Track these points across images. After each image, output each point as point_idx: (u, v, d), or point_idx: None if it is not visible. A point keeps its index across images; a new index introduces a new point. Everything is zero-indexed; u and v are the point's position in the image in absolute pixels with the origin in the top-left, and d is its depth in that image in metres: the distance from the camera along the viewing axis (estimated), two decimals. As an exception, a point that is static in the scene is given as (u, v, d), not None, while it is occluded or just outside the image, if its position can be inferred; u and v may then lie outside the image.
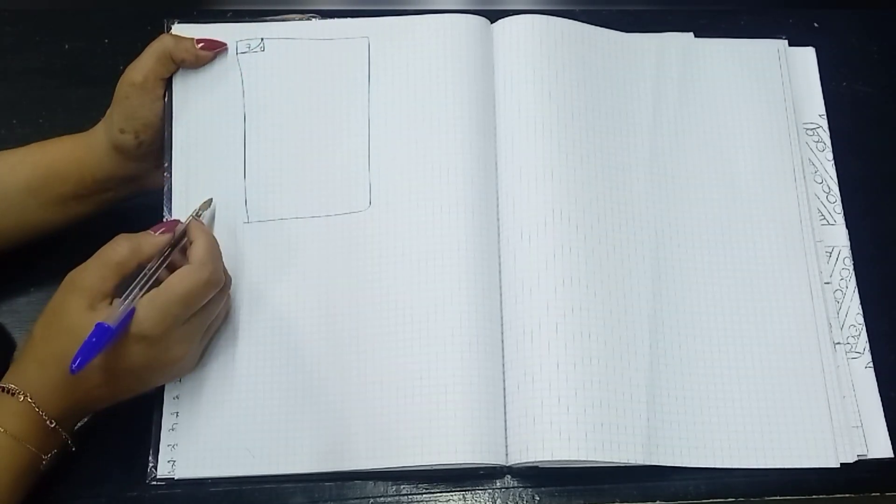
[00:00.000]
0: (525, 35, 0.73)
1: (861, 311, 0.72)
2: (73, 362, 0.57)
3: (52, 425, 0.60)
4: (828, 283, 0.72)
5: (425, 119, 0.72)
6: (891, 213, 0.77)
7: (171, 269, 0.63)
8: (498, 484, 0.67)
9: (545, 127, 0.71)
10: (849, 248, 0.74)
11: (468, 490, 0.67)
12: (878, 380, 0.70)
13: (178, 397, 0.67)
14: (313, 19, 0.75)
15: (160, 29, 0.73)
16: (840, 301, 0.72)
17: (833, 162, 0.77)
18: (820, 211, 0.75)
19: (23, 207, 0.69)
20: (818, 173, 0.77)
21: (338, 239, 0.70)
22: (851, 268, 0.74)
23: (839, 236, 0.75)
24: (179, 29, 0.73)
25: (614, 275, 0.69)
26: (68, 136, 0.71)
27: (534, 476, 0.67)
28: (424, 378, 0.66)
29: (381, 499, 0.66)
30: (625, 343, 0.67)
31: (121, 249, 0.62)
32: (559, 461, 0.63)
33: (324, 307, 0.68)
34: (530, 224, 0.69)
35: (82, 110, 0.75)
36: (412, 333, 0.67)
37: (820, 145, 0.78)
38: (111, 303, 0.61)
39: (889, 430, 0.69)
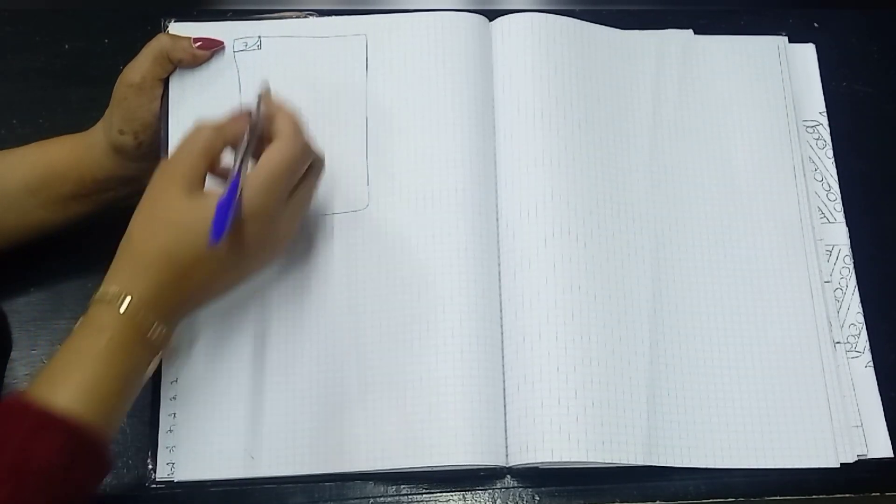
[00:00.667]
0: (524, 33, 0.73)
1: (861, 310, 0.72)
2: (213, 236, 0.57)
3: (158, 329, 0.59)
4: (828, 281, 0.72)
5: (423, 118, 0.72)
6: (891, 212, 0.77)
7: (255, 155, 0.63)
8: (498, 484, 0.67)
9: (545, 126, 0.71)
10: (849, 246, 0.74)
11: (468, 490, 0.67)
12: (878, 379, 0.70)
13: (174, 398, 0.66)
14: (310, 17, 0.75)
15: (160, 29, 0.73)
16: (840, 300, 0.72)
17: (833, 159, 0.77)
18: (820, 209, 0.75)
19: (22, 207, 0.69)
20: (818, 171, 0.77)
21: (335, 238, 0.70)
22: (852, 266, 0.73)
23: (839, 235, 0.74)
24: (176, 28, 0.73)
25: (615, 276, 0.69)
26: (68, 135, 0.71)
27: (534, 476, 0.67)
28: (424, 379, 0.66)
29: (381, 499, 0.66)
30: (625, 343, 0.67)
31: (205, 133, 0.61)
32: (559, 461, 0.63)
33: (322, 307, 0.68)
34: (530, 215, 0.69)
35: (82, 110, 0.75)
36: (412, 334, 0.67)
37: (820, 143, 0.77)
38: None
39: (889, 429, 0.69)
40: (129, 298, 0.58)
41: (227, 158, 0.63)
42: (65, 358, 0.58)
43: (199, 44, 0.71)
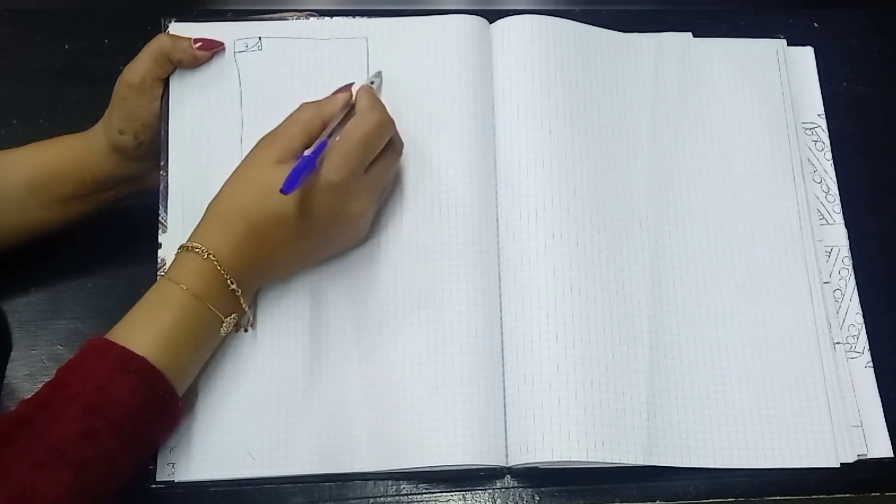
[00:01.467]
0: (524, 35, 0.73)
1: (860, 311, 0.72)
2: (285, 184, 0.59)
3: (232, 286, 0.62)
4: (827, 282, 0.72)
5: (424, 120, 0.71)
6: (890, 212, 0.77)
7: None
8: (498, 484, 0.67)
9: (544, 129, 0.71)
10: (848, 247, 0.74)
11: (468, 490, 0.67)
12: (877, 379, 0.70)
13: (175, 398, 0.67)
14: (311, 18, 0.75)
15: (160, 29, 0.73)
16: (839, 300, 0.72)
17: (832, 161, 0.77)
18: (819, 210, 0.75)
19: (23, 207, 0.69)
20: (817, 173, 0.77)
21: (336, 239, 0.70)
22: (851, 267, 0.74)
23: (838, 236, 0.74)
24: (176, 28, 0.73)
25: (615, 278, 0.69)
26: (68, 136, 0.71)
27: (534, 476, 0.67)
28: (424, 379, 0.65)
29: (381, 499, 0.66)
30: (625, 344, 0.67)
31: (307, 109, 0.65)
32: (560, 461, 0.63)
33: (323, 308, 0.68)
34: (530, 218, 0.69)
35: (82, 110, 0.75)
36: (412, 334, 0.67)
37: (819, 145, 0.78)
38: None
39: (889, 430, 0.69)
40: (207, 250, 0.61)
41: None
42: (145, 304, 0.61)
43: (199, 44, 0.71)
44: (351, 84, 0.69)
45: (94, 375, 0.57)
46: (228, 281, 0.62)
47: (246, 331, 0.67)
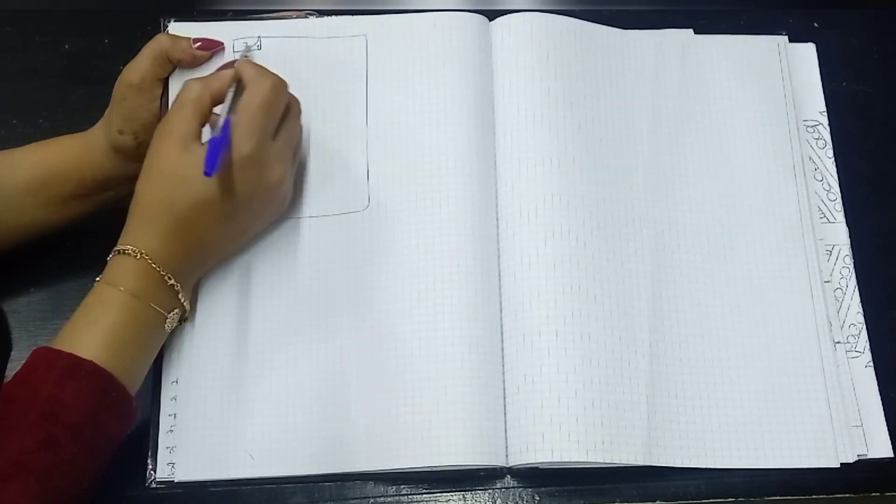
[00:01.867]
0: (524, 33, 0.73)
1: (861, 310, 0.72)
2: (206, 168, 0.59)
3: (170, 282, 0.62)
4: (828, 281, 0.72)
5: (424, 118, 0.72)
6: (891, 212, 0.77)
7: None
8: (498, 484, 0.67)
9: (544, 126, 0.71)
10: (849, 246, 0.74)
11: (468, 490, 0.67)
12: (878, 379, 0.70)
13: (175, 398, 0.66)
14: (310, 17, 0.75)
15: (160, 29, 0.73)
16: (840, 300, 0.72)
17: (833, 159, 0.77)
18: (820, 209, 0.75)
19: (22, 207, 0.69)
20: (818, 171, 0.77)
21: (336, 239, 0.70)
22: (852, 266, 0.73)
23: (839, 234, 0.74)
24: (176, 28, 0.73)
25: (615, 276, 0.69)
26: (68, 135, 0.71)
27: (534, 476, 0.67)
28: (424, 379, 0.65)
29: (381, 499, 0.66)
30: (625, 343, 0.67)
31: (192, 87, 0.64)
32: (560, 461, 0.63)
33: (322, 308, 0.68)
34: (530, 216, 0.69)
35: (82, 110, 0.75)
36: (412, 334, 0.67)
37: (820, 142, 0.77)
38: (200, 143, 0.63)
39: (889, 429, 0.69)
40: (139, 250, 0.61)
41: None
42: (86, 309, 0.61)
43: (198, 44, 0.71)
44: (232, 62, 0.68)
45: (45, 385, 0.57)
46: (165, 277, 0.62)
47: (187, 322, 0.67)
